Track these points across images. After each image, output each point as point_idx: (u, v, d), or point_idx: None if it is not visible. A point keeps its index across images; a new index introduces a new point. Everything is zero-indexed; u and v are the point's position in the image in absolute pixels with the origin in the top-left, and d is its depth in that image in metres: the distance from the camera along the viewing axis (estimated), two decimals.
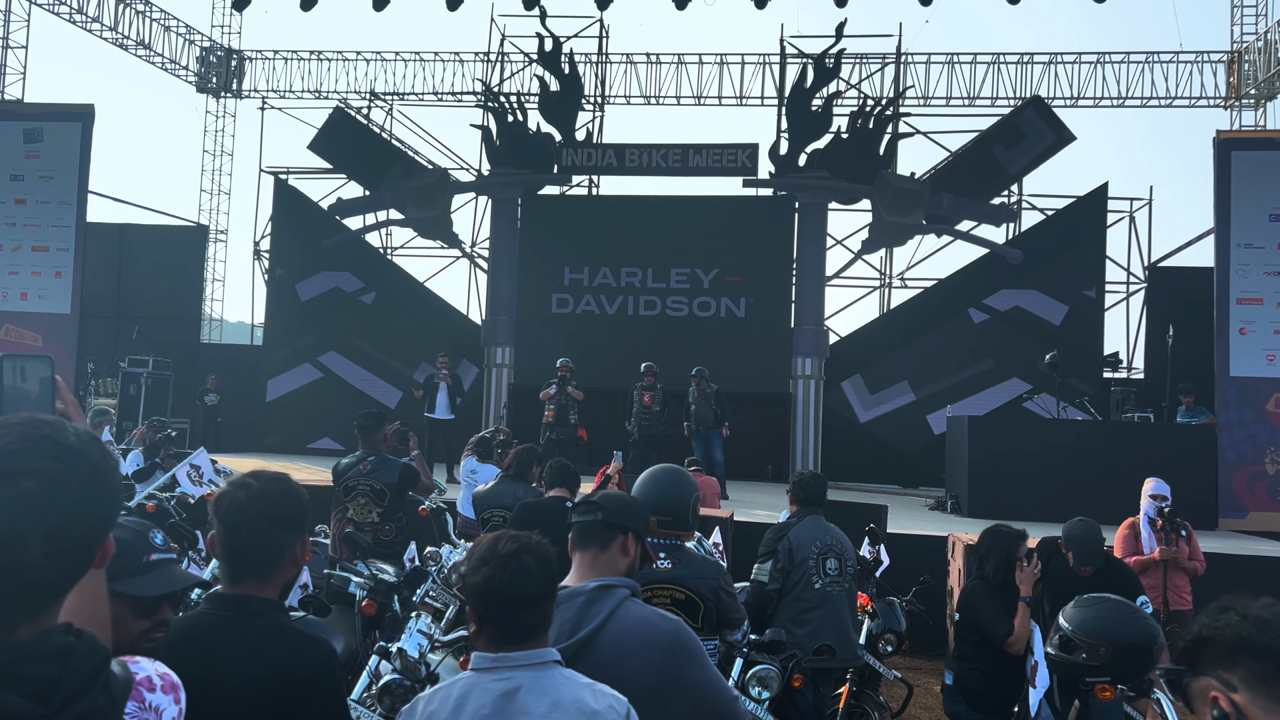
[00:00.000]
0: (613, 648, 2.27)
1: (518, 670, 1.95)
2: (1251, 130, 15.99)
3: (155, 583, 1.92)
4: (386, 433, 6.11)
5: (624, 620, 2.31)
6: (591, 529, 2.49)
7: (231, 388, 15.87)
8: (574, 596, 2.35)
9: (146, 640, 1.88)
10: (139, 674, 1.39)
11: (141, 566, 1.88)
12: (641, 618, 2.34)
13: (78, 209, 14.44)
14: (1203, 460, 10.72)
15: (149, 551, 1.91)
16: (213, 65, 19.97)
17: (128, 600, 1.86)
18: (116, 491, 1.25)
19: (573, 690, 1.95)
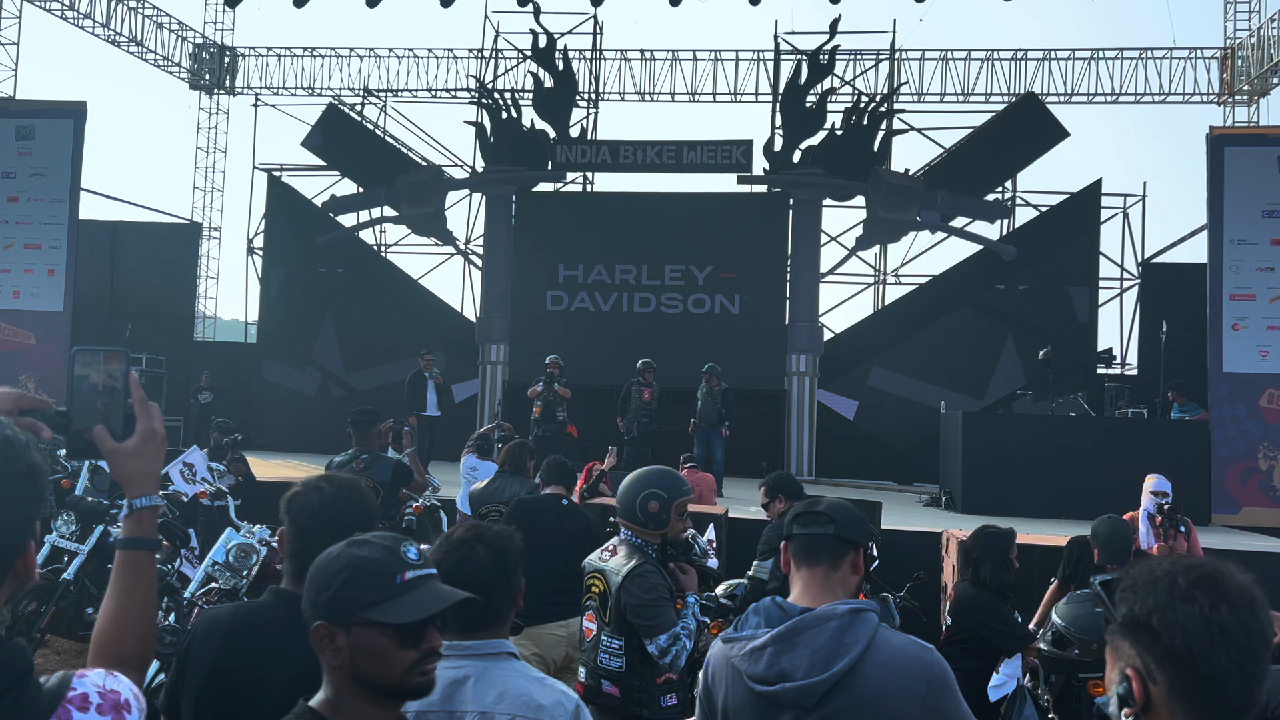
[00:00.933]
0: (876, 683, 2.03)
1: (468, 659, 1.98)
2: (1245, 126, 16.02)
3: (416, 605, 1.59)
4: (381, 430, 6.10)
5: (885, 651, 2.06)
6: (821, 543, 2.23)
7: (225, 386, 15.82)
8: (824, 621, 2.06)
9: (417, 674, 1.59)
10: (76, 689, 1.28)
11: (396, 588, 1.57)
12: (901, 648, 2.09)
13: (70, 206, 14.39)
14: (1196, 456, 10.76)
15: (403, 569, 1.60)
16: (205, 62, 19.90)
17: (388, 630, 1.55)
18: (43, 492, 1.29)
19: (521, 683, 1.99)
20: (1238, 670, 1.26)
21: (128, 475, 1.57)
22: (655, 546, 3.41)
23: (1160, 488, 6.69)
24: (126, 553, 1.57)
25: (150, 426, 1.59)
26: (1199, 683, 1.26)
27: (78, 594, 6.21)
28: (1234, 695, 1.26)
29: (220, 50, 19.96)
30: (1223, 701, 1.26)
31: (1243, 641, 1.26)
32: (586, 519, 5.30)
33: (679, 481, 3.51)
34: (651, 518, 3.37)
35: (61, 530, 6.36)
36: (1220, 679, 1.25)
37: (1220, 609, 1.27)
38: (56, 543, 6.32)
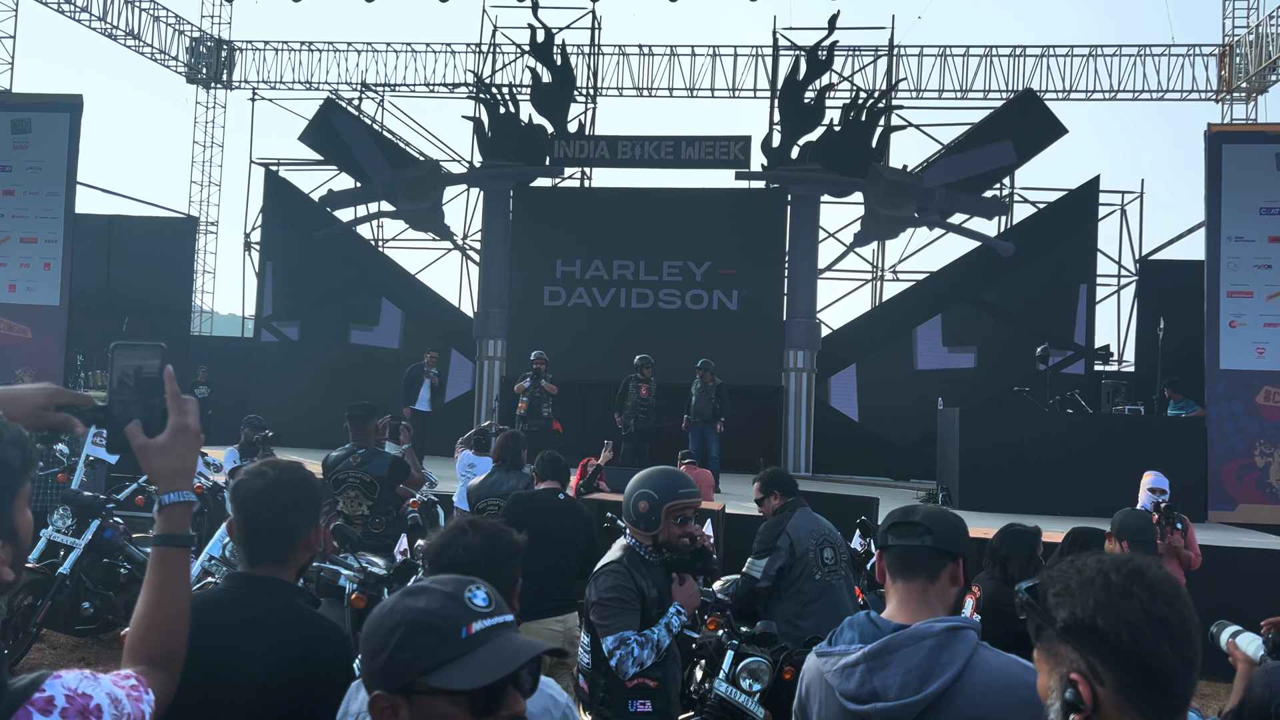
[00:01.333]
0: (974, 706, 1.89)
1: None
2: (1243, 124, 16.02)
3: (488, 665, 1.29)
4: (378, 425, 6.09)
5: (984, 673, 1.91)
6: (919, 555, 2.09)
7: (222, 380, 15.80)
8: (918, 639, 1.94)
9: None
10: (45, 691, 1.24)
11: (463, 644, 1.28)
12: (1002, 669, 1.93)
13: (66, 200, 14.34)
14: (1192, 453, 10.78)
15: (469, 619, 1.30)
16: (203, 56, 19.85)
17: (458, 699, 1.28)
18: (29, 459, 1.34)
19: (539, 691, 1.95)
20: (1181, 661, 1.27)
21: (157, 471, 1.55)
22: (648, 548, 3.31)
23: (1158, 485, 6.70)
24: (158, 549, 1.55)
25: (183, 422, 1.57)
26: (1146, 677, 1.26)
27: (74, 588, 6.19)
28: (1178, 686, 1.27)
29: (218, 44, 19.91)
30: (1169, 693, 1.27)
31: (1181, 632, 1.28)
32: (583, 513, 5.30)
33: (677, 484, 3.34)
34: (641, 518, 3.29)
35: (58, 524, 6.35)
36: (1167, 671, 1.26)
37: (1157, 601, 1.28)
38: (53, 537, 6.31)
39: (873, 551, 6.26)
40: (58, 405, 1.53)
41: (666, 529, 3.27)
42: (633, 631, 3.17)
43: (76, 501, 6.33)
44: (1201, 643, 1.31)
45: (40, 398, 1.52)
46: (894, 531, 2.16)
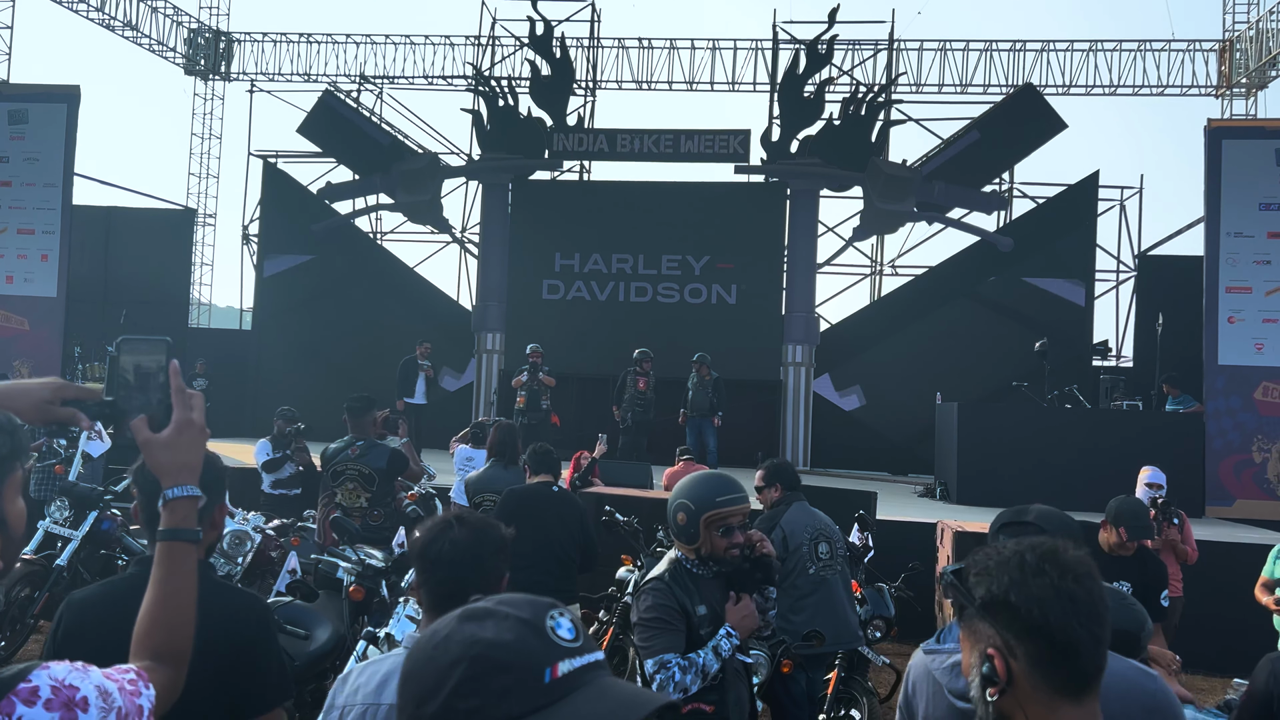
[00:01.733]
0: None
1: None
2: (1242, 119, 16.01)
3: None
4: (376, 419, 6.08)
5: None
6: None
7: (220, 373, 15.79)
8: None
9: None
10: (30, 682, 1.22)
11: (545, 690, 0.95)
12: (1120, 674, 1.78)
13: (63, 191, 14.31)
14: (1190, 448, 10.78)
15: (554, 657, 0.98)
16: (200, 47, 19.79)
17: None
18: (19, 446, 1.40)
19: None
20: (1088, 635, 1.35)
21: (160, 466, 1.54)
22: (694, 562, 3.04)
23: (1155, 480, 6.70)
24: (162, 544, 1.54)
25: (186, 417, 1.55)
26: (1055, 651, 1.34)
27: (71, 579, 6.19)
28: (1086, 660, 1.35)
29: (216, 35, 19.85)
30: (1077, 666, 1.34)
31: (1089, 608, 1.36)
32: (578, 506, 5.29)
33: (715, 492, 3.02)
34: (681, 530, 3.04)
35: (55, 516, 6.34)
36: (1075, 644, 1.34)
37: (1067, 580, 1.36)
38: (50, 529, 6.30)
39: (870, 545, 6.27)
40: (64, 400, 1.52)
41: (708, 541, 3.00)
42: (675, 655, 2.87)
43: (74, 493, 6.32)
44: (1109, 620, 1.39)
45: (45, 392, 1.51)
46: (1006, 531, 2.14)
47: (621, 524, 6.00)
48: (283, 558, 5.59)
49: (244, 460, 10.49)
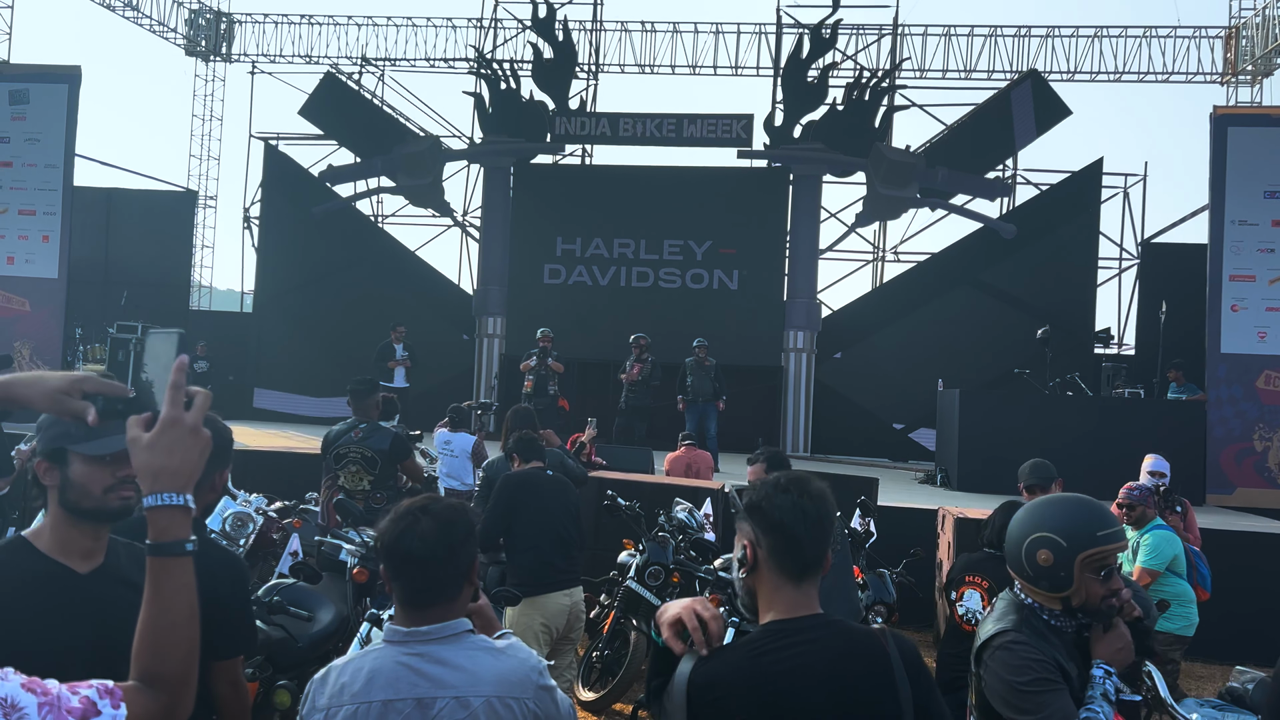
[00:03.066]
0: None
1: (430, 644, 1.95)
2: (1248, 106, 15.94)
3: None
4: (378, 401, 6.07)
5: None
6: None
7: (221, 355, 15.78)
8: None
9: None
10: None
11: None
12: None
13: (64, 172, 14.27)
14: (1192, 436, 10.78)
15: None
16: (202, 28, 19.69)
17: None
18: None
19: (487, 661, 1.97)
20: (810, 536, 1.88)
21: (140, 469, 1.40)
22: (1055, 613, 2.39)
23: (1158, 468, 6.70)
24: (148, 559, 1.42)
25: (173, 415, 1.40)
26: (787, 544, 1.88)
27: None
28: (807, 554, 1.89)
29: (217, 16, 19.74)
30: (802, 556, 1.89)
31: (815, 518, 1.89)
32: (573, 490, 5.32)
33: (1094, 524, 2.36)
34: (1044, 573, 2.37)
35: None
36: (801, 541, 1.88)
37: (803, 497, 1.90)
38: None
39: (872, 531, 6.28)
40: (85, 392, 1.47)
41: (1084, 587, 2.35)
42: (1084, 713, 2.28)
43: None
44: (831, 528, 1.92)
45: (63, 382, 1.47)
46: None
47: (624, 508, 6.01)
48: (284, 539, 5.60)
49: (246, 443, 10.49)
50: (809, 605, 1.90)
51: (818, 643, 1.84)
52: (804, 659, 1.82)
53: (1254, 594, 7.40)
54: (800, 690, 1.80)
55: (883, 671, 1.83)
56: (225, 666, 2.34)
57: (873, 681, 1.83)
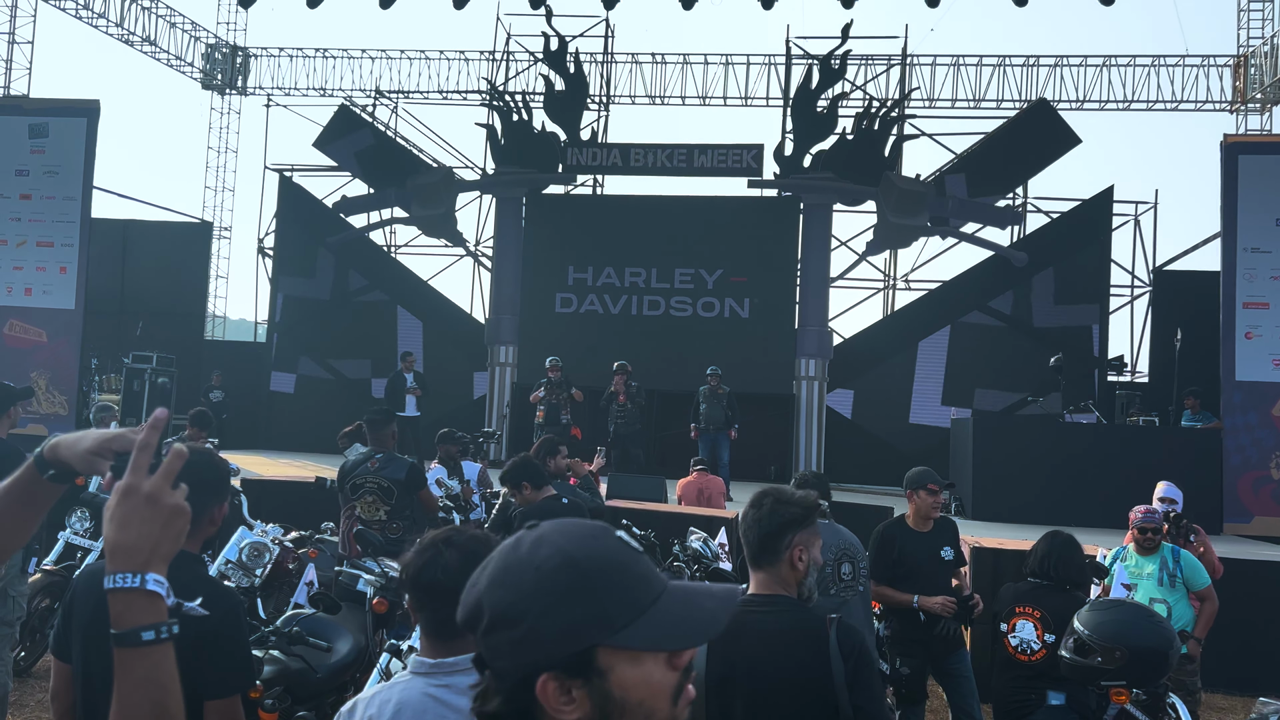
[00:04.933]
0: None
1: (456, 675, 1.95)
2: (1259, 134, 15.96)
3: None
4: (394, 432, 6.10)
5: None
6: None
7: (235, 385, 15.86)
8: None
9: None
10: None
11: None
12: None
13: (82, 204, 14.43)
14: (1208, 464, 10.71)
15: None
16: (218, 62, 19.97)
17: None
18: None
19: None
20: (749, 538, 2.44)
21: (105, 544, 1.21)
22: None
23: (1168, 494, 6.65)
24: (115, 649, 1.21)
25: (129, 482, 1.20)
26: (742, 542, 2.51)
27: None
28: (750, 549, 2.38)
29: (233, 50, 20.03)
30: (749, 551, 2.45)
31: (751, 521, 2.46)
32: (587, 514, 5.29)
33: None
34: None
35: (75, 527, 6.37)
36: (745, 541, 2.43)
37: (756, 509, 2.43)
38: (70, 539, 6.34)
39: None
40: (116, 450, 1.41)
41: None
42: None
43: (94, 504, 6.35)
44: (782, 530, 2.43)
45: (94, 443, 1.43)
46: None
47: (637, 538, 6.00)
48: (300, 569, 5.61)
49: (261, 473, 10.52)
50: (767, 587, 2.40)
51: (769, 615, 2.32)
52: (755, 624, 2.29)
53: (1273, 624, 7.33)
54: (745, 645, 2.27)
55: (820, 647, 2.25)
56: (217, 706, 2.29)
57: (809, 651, 2.26)
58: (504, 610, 1.01)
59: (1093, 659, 3.47)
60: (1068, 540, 4.64)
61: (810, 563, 2.43)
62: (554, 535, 1.05)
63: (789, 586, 2.41)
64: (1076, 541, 4.69)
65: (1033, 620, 4.31)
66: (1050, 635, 4.25)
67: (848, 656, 2.26)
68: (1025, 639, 4.37)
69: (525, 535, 1.08)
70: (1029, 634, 4.36)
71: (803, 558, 2.41)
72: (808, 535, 2.46)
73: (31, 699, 5.77)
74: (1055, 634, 4.20)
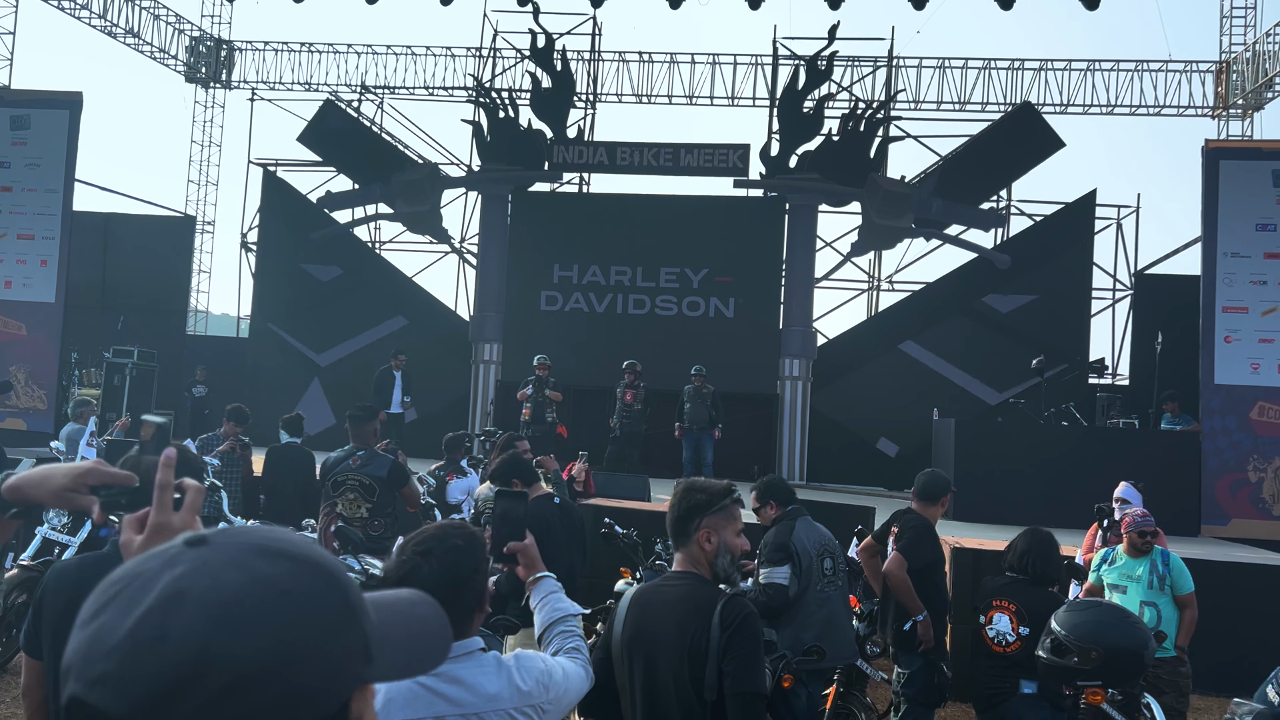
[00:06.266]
0: None
1: (444, 664, 1.99)
2: (1240, 140, 16.11)
3: None
4: (377, 431, 6.08)
5: None
6: None
7: (218, 380, 15.77)
8: None
9: None
10: None
11: None
12: None
13: (64, 197, 14.31)
14: (1186, 467, 10.81)
15: None
16: (202, 55, 19.84)
17: None
18: None
19: (497, 677, 2.06)
20: (670, 527, 2.82)
21: None
22: None
23: (1123, 495, 6.69)
24: None
25: (160, 520, 1.24)
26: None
27: None
28: (671, 534, 2.82)
29: (217, 44, 19.90)
30: (672, 536, 2.82)
31: (673, 509, 2.80)
32: (578, 514, 5.30)
33: None
34: None
35: (53, 522, 6.33)
36: (667, 527, 2.84)
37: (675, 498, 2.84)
38: (47, 535, 6.29)
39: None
40: (92, 484, 1.40)
41: None
42: None
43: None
44: (690, 515, 2.73)
45: (67, 479, 1.41)
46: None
47: (620, 536, 6.00)
48: None
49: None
50: (681, 565, 2.74)
51: (674, 588, 2.70)
52: (662, 595, 2.71)
53: (1250, 624, 7.40)
54: (650, 613, 2.69)
55: (705, 617, 2.57)
56: None
57: (696, 621, 2.58)
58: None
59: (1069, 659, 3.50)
60: (1047, 537, 4.75)
61: (721, 545, 2.68)
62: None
63: (701, 566, 2.69)
64: (1055, 539, 4.78)
65: (1009, 614, 4.44)
66: (1025, 628, 4.41)
67: (726, 627, 2.55)
68: (1001, 631, 4.53)
69: None
70: (1005, 626, 4.52)
71: (711, 540, 2.67)
72: (717, 519, 2.72)
73: (7, 695, 5.73)
74: (1030, 627, 4.36)
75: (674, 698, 2.56)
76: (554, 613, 2.41)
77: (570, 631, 2.39)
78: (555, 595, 2.44)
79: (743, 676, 2.53)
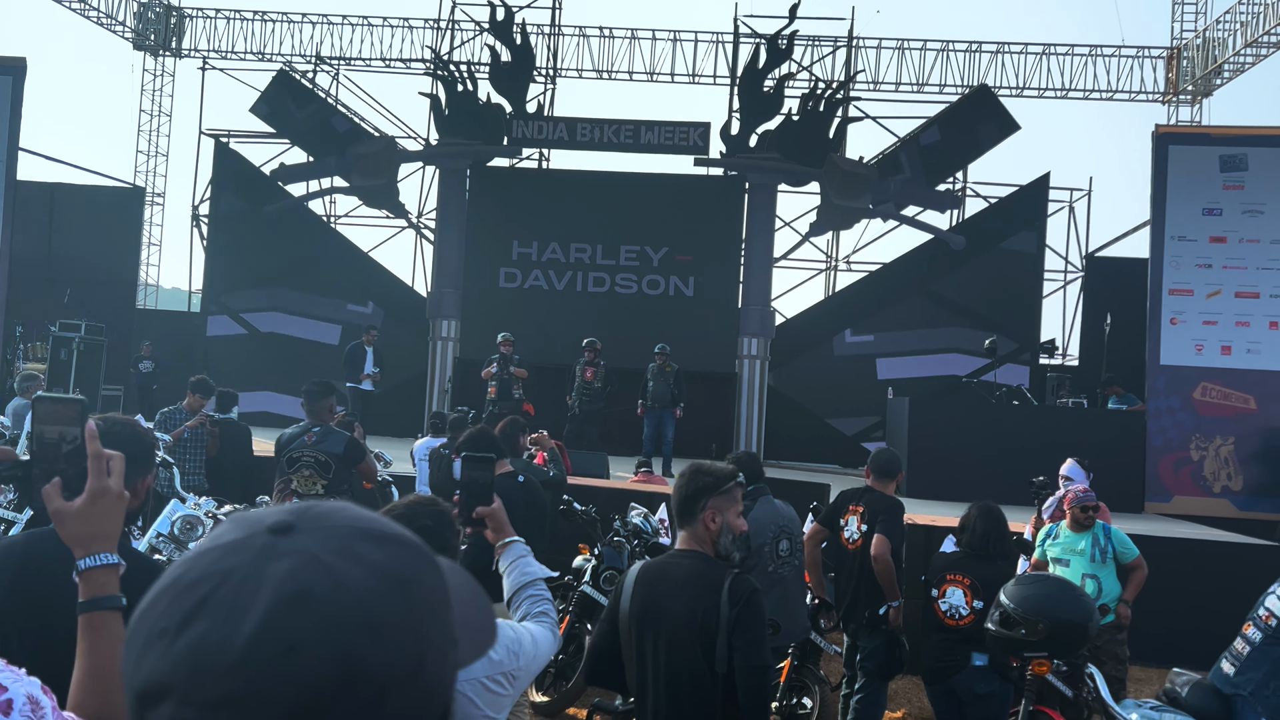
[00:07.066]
0: None
1: None
2: (1189, 125, 16.42)
3: None
4: (332, 407, 6.02)
5: None
6: None
7: (167, 355, 15.49)
8: None
9: None
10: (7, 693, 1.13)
11: None
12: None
13: (7, 166, 13.89)
14: (1131, 445, 11.09)
15: None
16: (151, 22, 19.33)
17: None
18: None
19: None
20: (675, 509, 2.94)
21: (73, 537, 1.46)
22: None
23: (1071, 473, 6.87)
24: (83, 616, 1.45)
25: (100, 485, 1.46)
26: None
27: None
28: (676, 516, 2.94)
29: (166, 10, 19.40)
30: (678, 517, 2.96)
31: (677, 493, 2.93)
32: (540, 492, 5.28)
33: None
34: None
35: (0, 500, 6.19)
36: (673, 510, 3.03)
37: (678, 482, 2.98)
38: None
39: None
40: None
41: None
42: None
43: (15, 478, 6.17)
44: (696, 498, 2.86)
45: None
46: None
47: (579, 513, 6.03)
48: None
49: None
50: (686, 543, 2.86)
51: (681, 565, 2.84)
52: (670, 572, 2.86)
53: (1190, 598, 7.63)
54: (659, 588, 2.82)
55: (715, 590, 2.71)
56: None
57: (705, 597, 2.72)
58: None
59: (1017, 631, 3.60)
60: (999, 515, 4.87)
61: (724, 525, 2.80)
62: None
63: (705, 544, 2.82)
64: (1004, 515, 4.91)
65: (963, 587, 4.54)
66: (979, 602, 4.53)
67: (735, 603, 2.69)
68: (955, 604, 4.66)
69: None
70: (959, 600, 4.65)
71: (715, 520, 2.79)
72: (721, 501, 2.83)
73: None
74: (983, 600, 4.47)
75: (685, 669, 2.70)
76: (523, 576, 2.41)
77: (539, 595, 2.40)
78: (524, 559, 2.45)
79: (751, 650, 2.68)
